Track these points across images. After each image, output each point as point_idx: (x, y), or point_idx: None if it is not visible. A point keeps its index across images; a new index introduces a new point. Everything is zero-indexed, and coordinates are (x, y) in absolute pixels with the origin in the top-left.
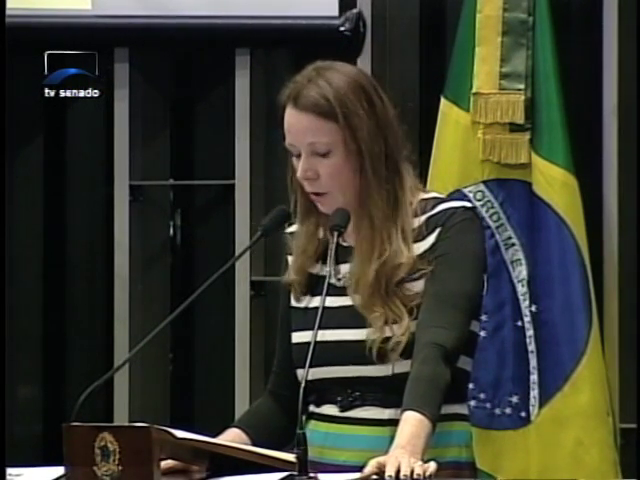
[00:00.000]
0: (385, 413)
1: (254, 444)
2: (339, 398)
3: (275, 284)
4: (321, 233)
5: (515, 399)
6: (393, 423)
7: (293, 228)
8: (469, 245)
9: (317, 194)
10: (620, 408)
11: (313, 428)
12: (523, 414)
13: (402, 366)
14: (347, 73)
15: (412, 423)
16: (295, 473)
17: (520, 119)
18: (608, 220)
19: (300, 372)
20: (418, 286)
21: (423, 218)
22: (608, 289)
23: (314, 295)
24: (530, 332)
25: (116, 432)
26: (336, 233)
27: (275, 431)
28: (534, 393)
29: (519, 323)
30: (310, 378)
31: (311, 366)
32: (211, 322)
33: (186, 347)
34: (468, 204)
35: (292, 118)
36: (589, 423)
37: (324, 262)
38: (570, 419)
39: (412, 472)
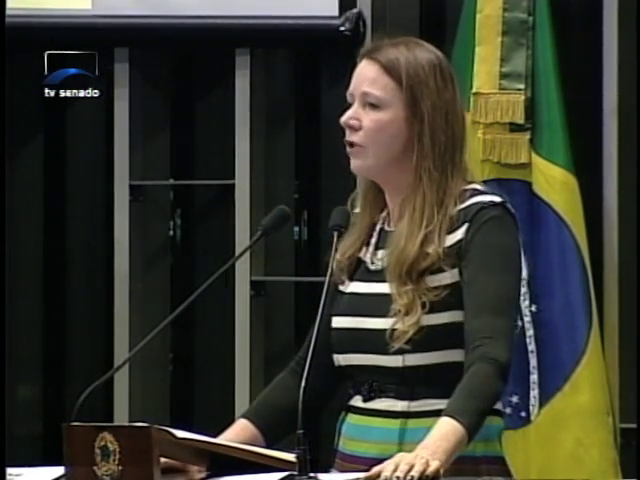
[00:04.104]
0: (398, 405)
1: (262, 432)
2: (363, 388)
3: (275, 284)
4: (378, 226)
5: (515, 399)
6: (404, 415)
7: (357, 210)
8: (501, 245)
9: (352, 145)
10: (620, 408)
11: (345, 419)
12: (523, 414)
13: (412, 359)
14: (433, 51)
15: (444, 427)
16: (295, 473)
17: (520, 119)
18: (608, 220)
19: (334, 356)
20: (435, 281)
21: (456, 210)
22: (608, 289)
23: (352, 280)
24: (530, 332)
25: (116, 432)
26: (336, 233)
27: (285, 415)
28: (534, 393)
29: (519, 323)
30: (343, 364)
31: (344, 352)
32: (211, 322)
33: (186, 347)
34: (497, 199)
35: (361, 67)
36: (589, 423)
37: (367, 245)
38: (570, 419)
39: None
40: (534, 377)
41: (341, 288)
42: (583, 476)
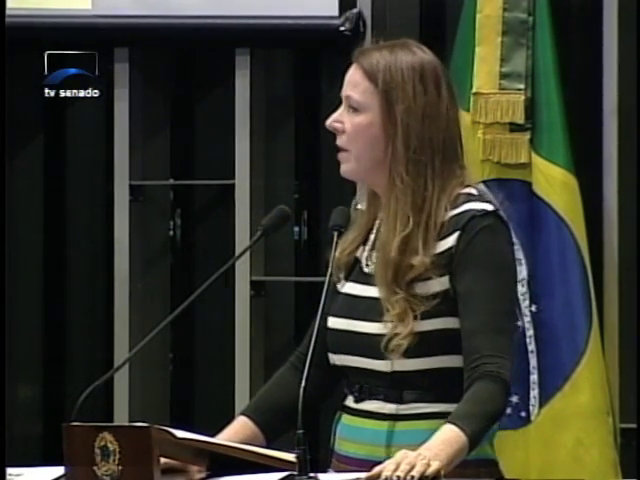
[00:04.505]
0: (386, 408)
1: (261, 430)
2: (354, 388)
3: (275, 284)
4: (376, 224)
5: (515, 399)
6: (392, 418)
7: (360, 206)
8: (495, 256)
9: (338, 149)
10: (620, 408)
11: (339, 419)
12: (523, 414)
13: (401, 365)
14: (418, 55)
15: (447, 433)
16: (295, 473)
17: (520, 119)
18: (608, 220)
19: (330, 356)
20: (424, 288)
21: (449, 215)
22: (608, 289)
23: (347, 280)
24: (530, 332)
25: (116, 432)
26: (336, 233)
27: (284, 411)
28: (534, 393)
29: (519, 323)
30: (338, 364)
31: (337, 353)
32: (211, 322)
33: (186, 347)
34: (489, 207)
35: (349, 70)
36: (589, 423)
37: (364, 244)
38: (570, 419)
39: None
40: (534, 377)
41: (338, 286)
42: (583, 476)
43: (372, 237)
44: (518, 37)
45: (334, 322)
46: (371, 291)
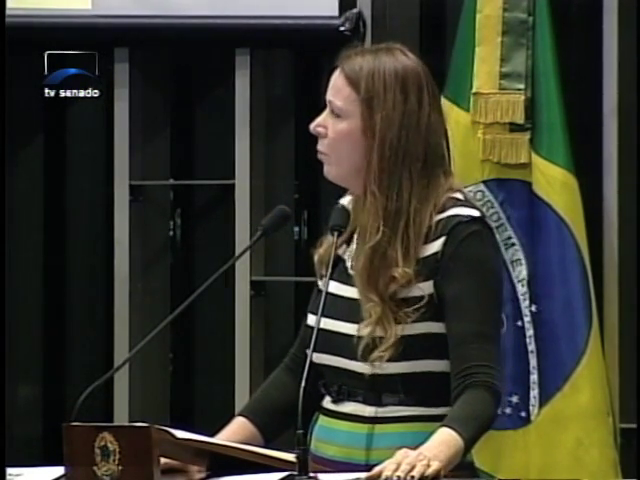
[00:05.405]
0: (366, 411)
1: (259, 430)
2: (333, 389)
3: (275, 284)
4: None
5: (515, 399)
6: (371, 421)
7: (345, 201)
8: (482, 263)
9: (320, 153)
10: (620, 408)
11: (317, 420)
12: (523, 414)
13: (381, 368)
14: (402, 62)
15: (444, 435)
16: (295, 473)
17: (520, 119)
18: (608, 220)
19: (308, 353)
20: (407, 293)
21: (435, 219)
22: (608, 289)
23: (331, 278)
24: (530, 332)
25: (116, 432)
26: (336, 233)
27: (282, 412)
28: (534, 393)
29: (519, 323)
30: (317, 362)
31: (316, 351)
32: (211, 322)
33: (186, 347)
34: (475, 213)
35: (333, 75)
36: (589, 423)
37: (348, 244)
38: (570, 419)
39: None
40: (534, 377)
41: (319, 284)
42: (583, 476)
43: (355, 238)
44: (518, 37)
45: (314, 320)
46: (352, 292)
